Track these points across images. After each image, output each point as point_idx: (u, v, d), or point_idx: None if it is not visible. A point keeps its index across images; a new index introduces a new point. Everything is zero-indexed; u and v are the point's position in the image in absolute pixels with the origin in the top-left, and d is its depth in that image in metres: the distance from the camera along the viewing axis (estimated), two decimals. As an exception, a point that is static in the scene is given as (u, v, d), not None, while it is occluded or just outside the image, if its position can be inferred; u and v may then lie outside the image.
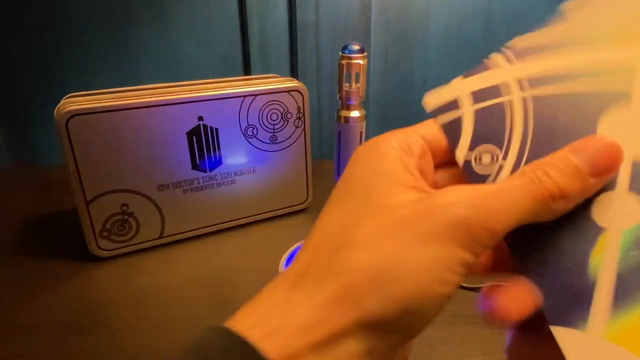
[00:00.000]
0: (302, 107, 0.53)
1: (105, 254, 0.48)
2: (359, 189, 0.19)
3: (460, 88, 0.22)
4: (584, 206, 0.18)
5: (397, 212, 0.17)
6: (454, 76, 0.22)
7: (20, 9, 0.67)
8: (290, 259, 0.42)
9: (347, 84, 0.33)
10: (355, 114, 0.33)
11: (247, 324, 0.16)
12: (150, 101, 0.45)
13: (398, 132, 0.21)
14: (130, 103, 0.44)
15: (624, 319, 0.17)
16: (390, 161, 0.20)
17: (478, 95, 0.21)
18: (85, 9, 0.68)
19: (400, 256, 0.16)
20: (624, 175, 0.18)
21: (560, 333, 0.18)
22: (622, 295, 0.18)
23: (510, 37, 0.21)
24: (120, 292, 0.44)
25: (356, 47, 0.32)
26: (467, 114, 0.21)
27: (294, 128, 0.53)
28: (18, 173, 0.75)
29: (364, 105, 0.44)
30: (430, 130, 0.22)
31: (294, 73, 0.75)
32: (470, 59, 0.75)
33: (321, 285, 0.16)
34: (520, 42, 0.21)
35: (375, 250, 0.17)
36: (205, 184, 0.51)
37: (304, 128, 0.54)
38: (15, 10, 0.67)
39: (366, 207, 0.18)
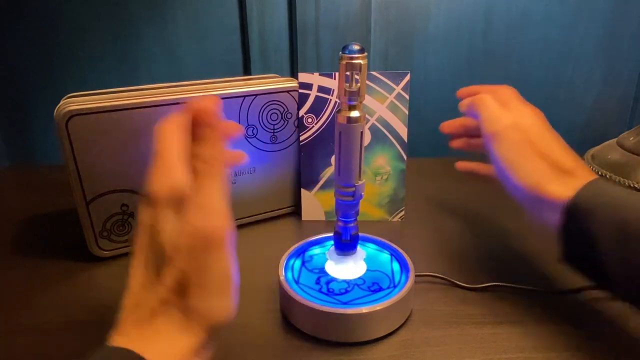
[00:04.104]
0: (302, 107, 0.53)
1: (105, 254, 0.48)
2: None
3: None
4: None
5: None
6: (454, 76, 0.22)
7: (20, 8, 0.67)
8: (290, 258, 0.42)
9: (347, 84, 0.33)
10: (355, 114, 0.33)
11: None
12: (150, 101, 0.45)
13: None
14: (130, 103, 0.44)
15: None
16: None
17: None
18: (85, 9, 0.68)
19: None
20: None
21: None
22: None
23: (510, 37, 0.21)
24: (120, 292, 0.44)
25: (356, 47, 0.32)
26: None
27: (294, 128, 0.53)
28: (18, 173, 0.75)
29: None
30: None
31: (294, 73, 0.75)
32: (470, 59, 0.75)
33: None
34: None
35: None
36: (205, 184, 0.51)
37: (304, 128, 0.54)
38: (15, 10, 0.67)
39: None
